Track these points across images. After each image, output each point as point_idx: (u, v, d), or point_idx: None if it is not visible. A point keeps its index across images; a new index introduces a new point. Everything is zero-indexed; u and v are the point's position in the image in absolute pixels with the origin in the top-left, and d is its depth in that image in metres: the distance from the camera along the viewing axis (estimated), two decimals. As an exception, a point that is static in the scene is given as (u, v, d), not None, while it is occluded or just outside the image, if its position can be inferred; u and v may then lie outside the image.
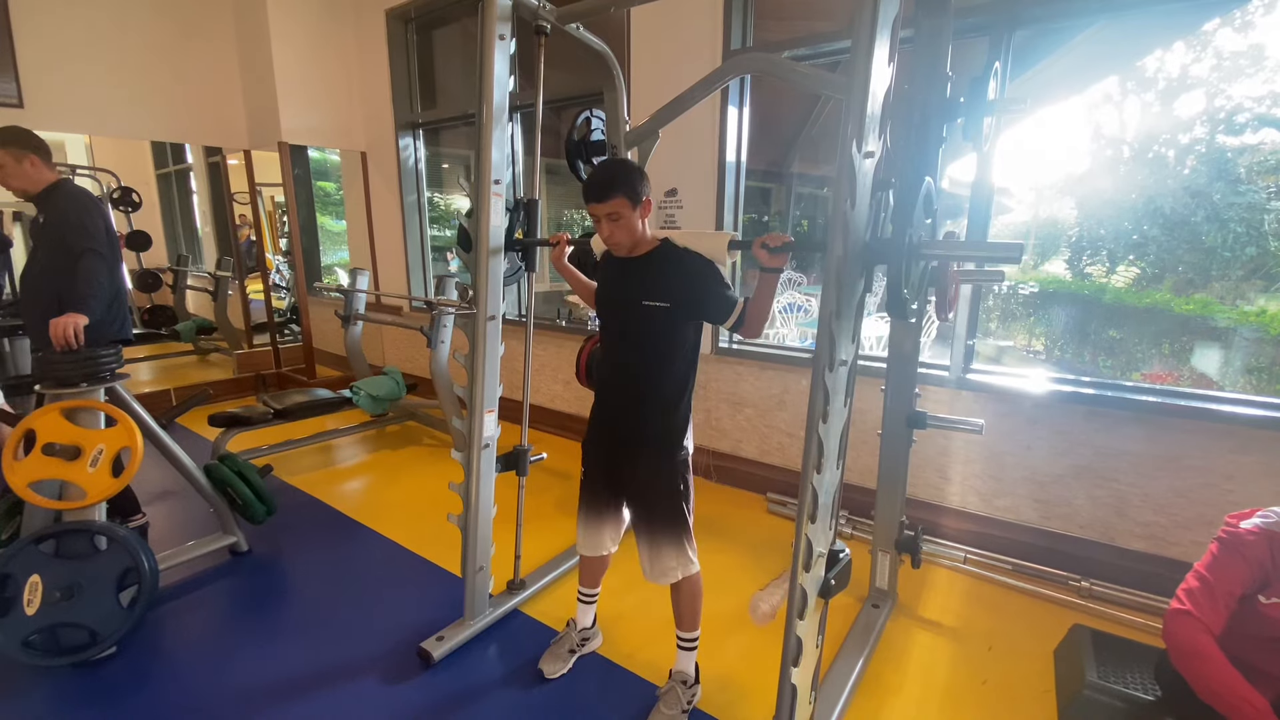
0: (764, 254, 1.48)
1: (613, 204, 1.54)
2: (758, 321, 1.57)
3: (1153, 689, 1.66)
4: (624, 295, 1.67)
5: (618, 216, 1.56)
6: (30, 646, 1.86)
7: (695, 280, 1.60)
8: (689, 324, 1.65)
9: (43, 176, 2.35)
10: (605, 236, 1.61)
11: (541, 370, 4.19)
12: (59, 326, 2.08)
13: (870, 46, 1.18)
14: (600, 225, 1.59)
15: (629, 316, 1.67)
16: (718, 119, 3.08)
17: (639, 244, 1.65)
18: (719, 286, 1.60)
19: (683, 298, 1.60)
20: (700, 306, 1.62)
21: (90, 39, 4.12)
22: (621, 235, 1.59)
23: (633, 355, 1.68)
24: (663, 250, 1.66)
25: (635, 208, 1.57)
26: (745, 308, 1.58)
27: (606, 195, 1.54)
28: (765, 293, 1.54)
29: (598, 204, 1.56)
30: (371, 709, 1.80)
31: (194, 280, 6.01)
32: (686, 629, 1.77)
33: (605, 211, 1.56)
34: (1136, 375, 4.46)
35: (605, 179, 1.56)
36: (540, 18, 1.96)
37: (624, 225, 1.57)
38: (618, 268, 1.70)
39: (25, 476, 1.92)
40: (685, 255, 1.64)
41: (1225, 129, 4.32)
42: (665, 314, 1.61)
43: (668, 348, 1.64)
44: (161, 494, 3.14)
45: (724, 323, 1.59)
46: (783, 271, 1.53)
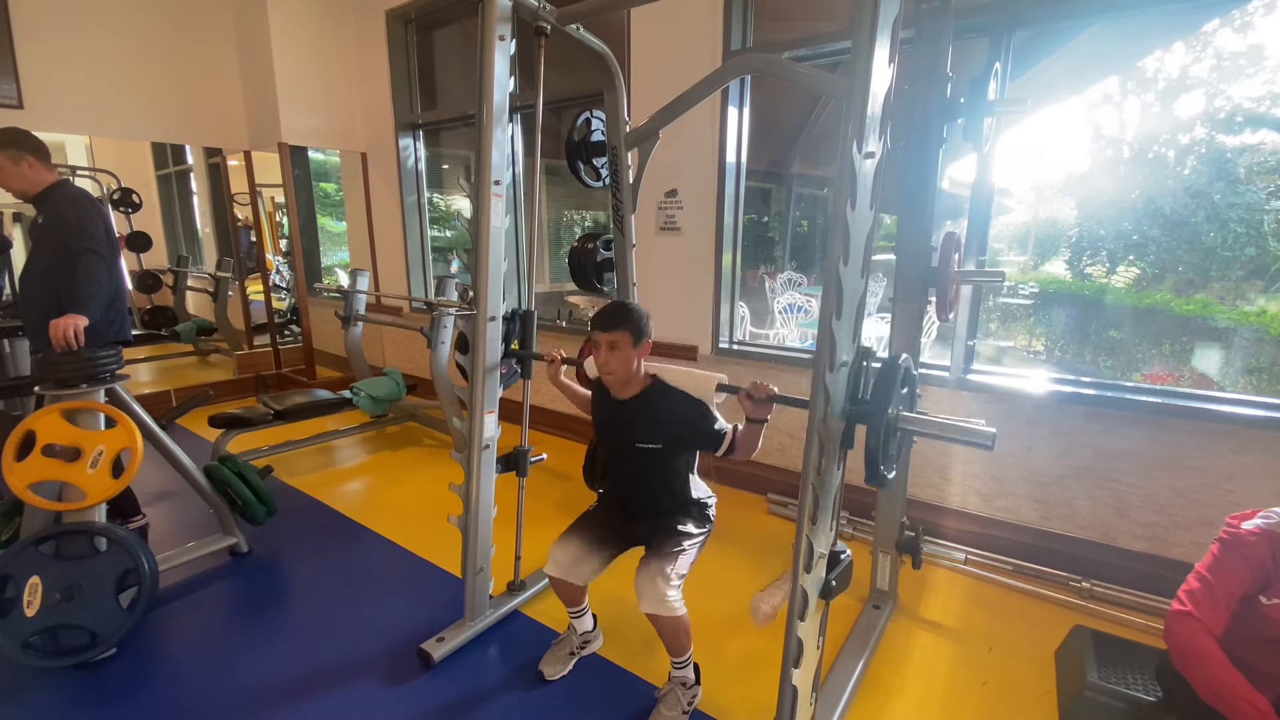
0: (749, 404, 1.58)
1: (616, 335, 1.67)
2: (746, 452, 1.68)
3: (1154, 690, 1.66)
4: (618, 436, 1.81)
5: (617, 347, 1.68)
6: (30, 648, 1.86)
7: (685, 423, 1.72)
8: (682, 454, 1.79)
9: (41, 178, 2.34)
10: (601, 363, 1.71)
11: (542, 371, 4.18)
12: (59, 327, 2.07)
13: (870, 47, 1.18)
14: (599, 352, 1.70)
15: (624, 455, 1.81)
16: (718, 120, 3.08)
17: (631, 381, 1.75)
18: (707, 425, 1.71)
19: (674, 439, 1.74)
20: (691, 443, 1.76)
21: (90, 40, 4.12)
22: (616, 365, 1.69)
23: (633, 481, 1.85)
24: (653, 392, 1.76)
25: (635, 345, 1.69)
26: (734, 438, 1.68)
27: (614, 326, 1.67)
28: (752, 435, 1.65)
29: (603, 332, 1.68)
30: (371, 710, 1.80)
31: (194, 281, 6.01)
32: (677, 656, 1.76)
33: (608, 340, 1.68)
34: (1137, 375, 4.46)
35: (615, 313, 1.69)
36: (540, 18, 1.96)
37: (621, 357, 1.68)
38: (612, 407, 1.80)
39: (25, 478, 1.92)
40: (674, 397, 1.75)
41: (1225, 129, 4.32)
42: (658, 453, 1.75)
43: (665, 470, 1.79)
44: (161, 495, 3.14)
45: (715, 453, 1.71)
46: (766, 422, 1.61)
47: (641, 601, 1.64)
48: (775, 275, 6.56)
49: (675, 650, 1.74)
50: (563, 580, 1.81)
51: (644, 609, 1.64)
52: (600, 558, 1.82)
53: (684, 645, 1.73)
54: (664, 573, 1.64)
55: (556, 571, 1.80)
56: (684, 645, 1.73)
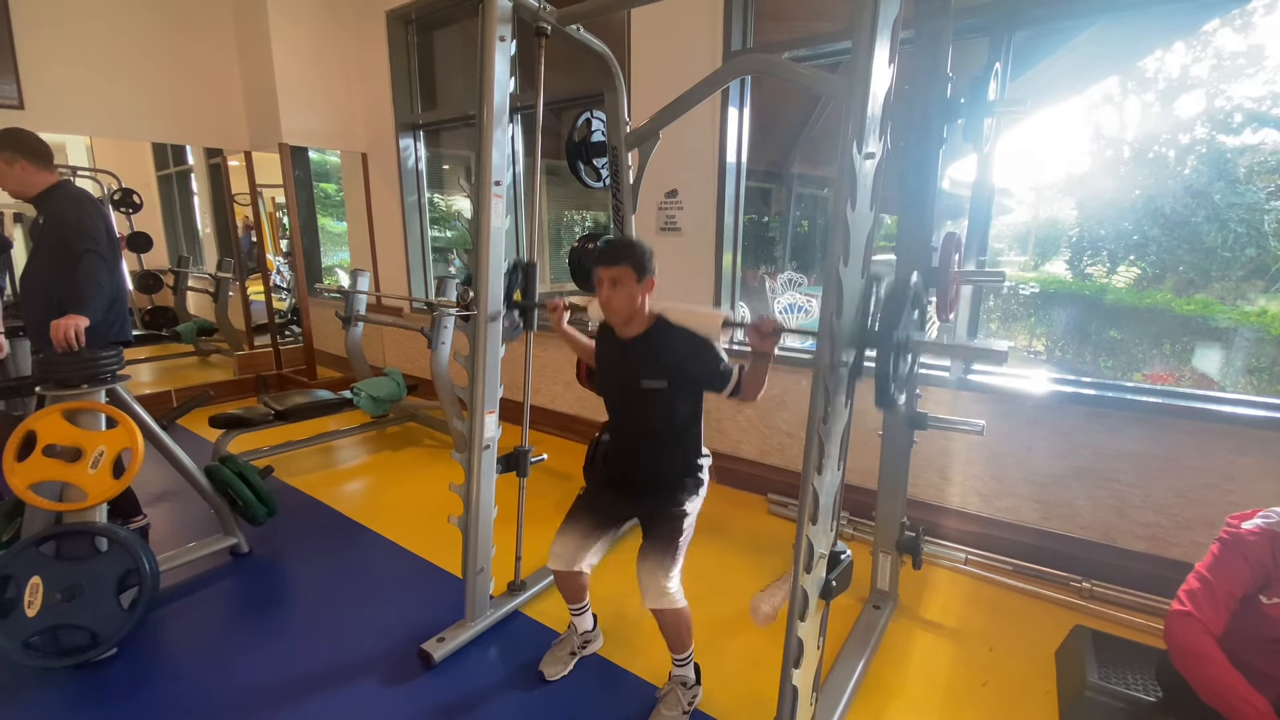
0: (756, 338, 1.56)
1: (619, 270, 1.64)
2: (753, 391, 1.67)
3: (1154, 690, 1.66)
4: (622, 376, 1.77)
5: (620, 283, 1.65)
6: (31, 648, 1.86)
7: (690, 361, 1.69)
8: (687, 396, 1.75)
9: (37, 180, 2.32)
10: (604, 300, 1.68)
11: (542, 371, 4.19)
12: (60, 328, 2.08)
13: (871, 47, 1.18)
14: (602, 288, 1.67)
15: (629, 396, 1.77)
16: (718, 120, 3.08)
17: (634, 319, 1.72)
18: (713, 363, 1.69)
19: (679, 377, 1.70)
20: (696, 383, 1.73)
21: (91, 40, 4.12)
22: (620, 301, 1.67)
23: (637, 425, 1.80)
24: (658, 330, 1.73)
25: (638, 281, 1.66)
26: (741, 378, 1.67)
27: (616, 261, 1.64)
28: (759, 371, 1.64)
29: (605, 267, 1.65)
30: (372, 710, 1.80)
31: (195, 281, 6.02)
32: (678, 651, 1.76)
33: (611, 275, 1.65)
34: (1137, 376, 4.45)
35: (618, 247, 1.67)
36: (541, 19, 1.96)
37: (624, 293, 1.66)
38: (615, 347, 1.78)
39: (26, 478, 1.93)
40: (679, 335, 1.72)
41: (1225, 129, 4.32)
42: (663, 393, 1.71)
43: (669, 416, 1.75)
44: (162, 495, 3.15)
45: (721, 393, 1.69)
46: (772, 356, 1.61)
47: (646, 598, 1.64)
48: (775, 275, 6.55)
49: (677, 646, 1.74)
50: (566, 572, 1.82)
51: (648, 604, 1.64)
52: (599, 540, 1.82)
53: (685, 641, 1.73)
54: (664, 566, 1.65)
55: (559, 565, 1.80)
56: (685, 641, 1.73)
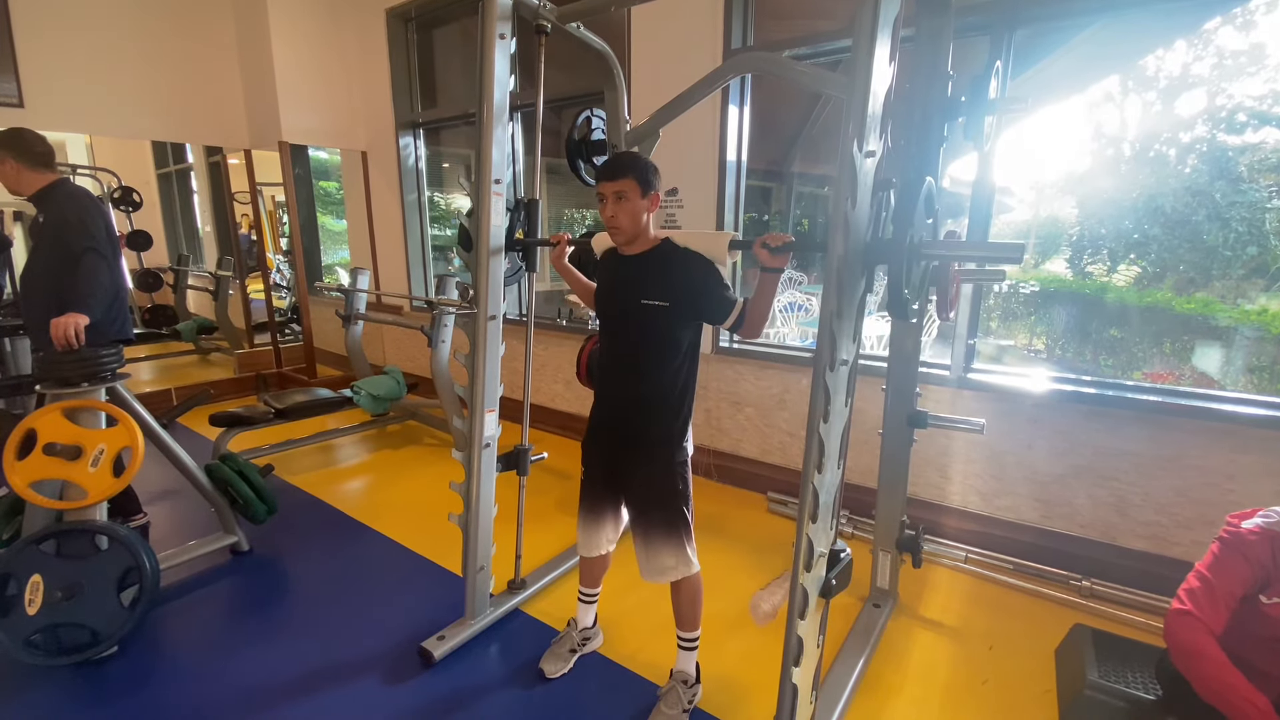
0: (765, 253, 1.49)
1: (622, 183, 1.58)
2: (758, 322, 1.58)
3: (1154, 689, 1.66)
4: (623, 294, 1.68)
5: (624, 197, 1.58)
6: (32, 646, 1.86)
7: (695, 280, 1.61)
8: (688, 323, 1.66)
9: (32, 179, 2.31)
10: (608, 217, 1.62)
11: (542, 370, 4.19)
12: (60, 326, 2.07)
13: (871, 46, 1.18)
14: (605, 205, 1.61)
15: (628, 315, 1.67)
16: (718, 118, 3.08)
17: (639, 238, 1.65)
18: (718, 287, 1.61)
19: (682, 297, 1.61)
20: (699, 307, 1.62)
21: (91, 39, 4.12)
22: (623, 218, 1.60)
23: (631, 354, 1.69)
24: (663, 249, 1.66)
25: (643, 196, 1.59)
26: (745, 308, 1.59)
27: (619, 174, 1.58)
28: (766, 292, 1.55)
29: (608, 181, 1.59)
30: (372, 708, 1.80)
31: (195, 280, 6.02)
32: (687, 629, 1.77)
33: (613, 189, 1.58)
34: (1137, 374, 4.46)
35: (620, 161, 1.63)
36: (541, 17, 1.96)
37: (627, 208, 1.59)
38: (617, 266, 1.71)
39: (26, 476, 1.93)
40: (685, 255, 1.64)
41: (1226, 128, 4.32)
42: (664, 313, 1.61)
43: (667, 346, 1.64)
44: (162, 493, 3.15)
45: (723, 323, 1.61)
46: (783, 271, 1.54)
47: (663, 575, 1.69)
48: (776, 274, 6.55)
49: (689, 620, 1.76)
50: (594, 559, 1.88)
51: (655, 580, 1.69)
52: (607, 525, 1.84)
53: (697, 613, 1.76)
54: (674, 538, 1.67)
55: (585, 551, 1.86)
56: (697, 613, 1.76)
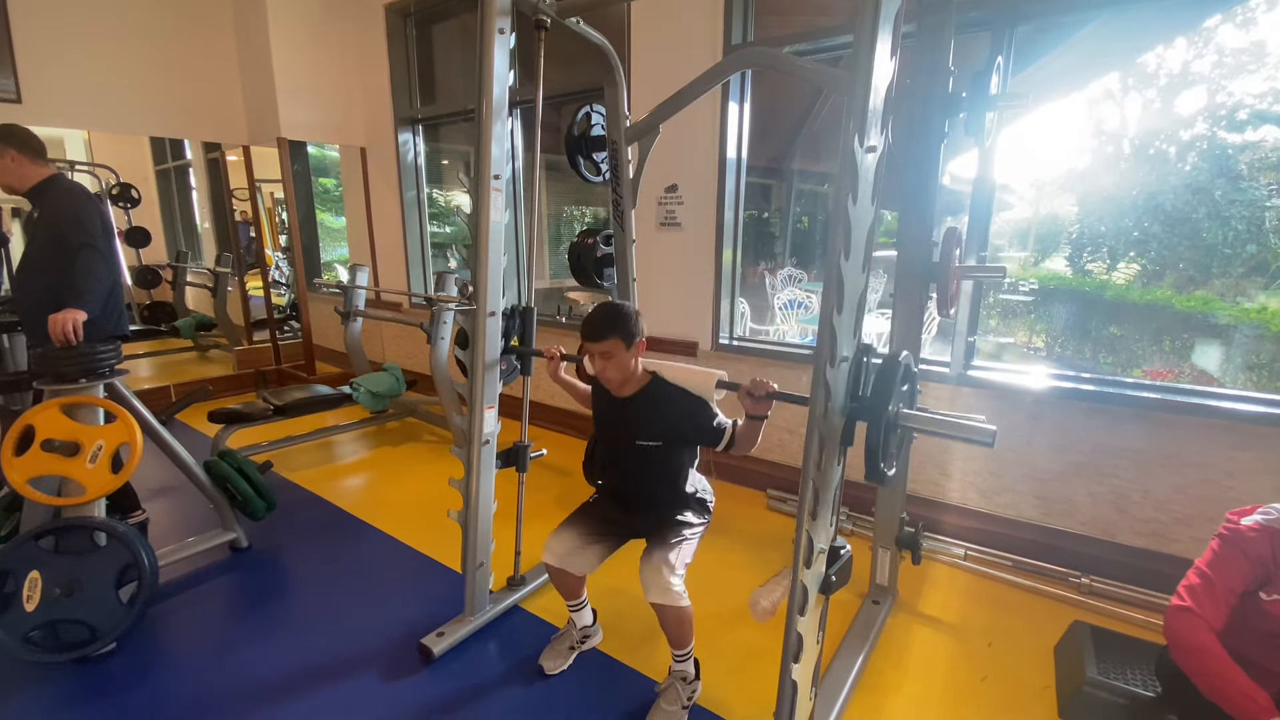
0: (749, 401, 1.58)
1: (608, 344, 1.66)
2: (746, 448, 1.68)
3: (1153, 685, 1.66)
4: (618, 433, 1.80)
5: (611, 355, 1.67)
6: (30, 642, 1.86)
7: (685, 420, 1.72)
8: (682, 450, 1.80)
9: (29, 172, 2.31)
10: (598, 371, 1.72)
11: (542, 367, 4.17)
12: (58, 322, 2.07)
13: (872, 41, 1.17)
14: (594, 361, 1.70)
15: (625, 452, 1.80)
16: (718, 115, 3.07)
17: (629, 381, 1.74)
18: (707, 421, 1.70)
19: (674, 436, 1.74)
20: (691, 439, 1.77)
21: (89, 34, 4.10)
22: (613, 372, 1.70)
23: (632, 477, 1.84)
24: (652, 390, 1.75)
25: (629, 349, 1.68)
26: (734, 434, 1.68)
27: (603, 336, 1.65)
28: (752, 431, 1.65)
29: (593, 343, 1.67)
30: (371, 705, 1.80)
31: (193, 276, 6.00)
32: (679, 648, 1.76)
33: (600, 349, 1.67)
34: (1137, 372, 4.46)
35: (603, 321, 1.67)
36: (540, 12, 1.95)
37: (616, 363, 1.68)
38: (611, 405, 1.80)
39: (24, 473, 1.92)
40: (674, 395, 1.74)
41: (1226, 125, 4.32)
42: (658, 449, 1.74)
43: (664, 468, 1.79)
44: (161, 490, 3.14)
45: (715, 448, 1.71)
46: (766, 418, 1.62)
47: (647, 592, 1.64)
48: (776, 271, 6.56)
49: (677, 642, 1.74)
50: (560, 570, 1.82)
51: (650, 599, 1.64)
52: (598, 549, 1.82)
53: (686, 637, 1.73)
54: (668, 562, 1.65)
55: (553, 560, 1.80)
56: (686, 637, 1.73)
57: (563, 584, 1.90)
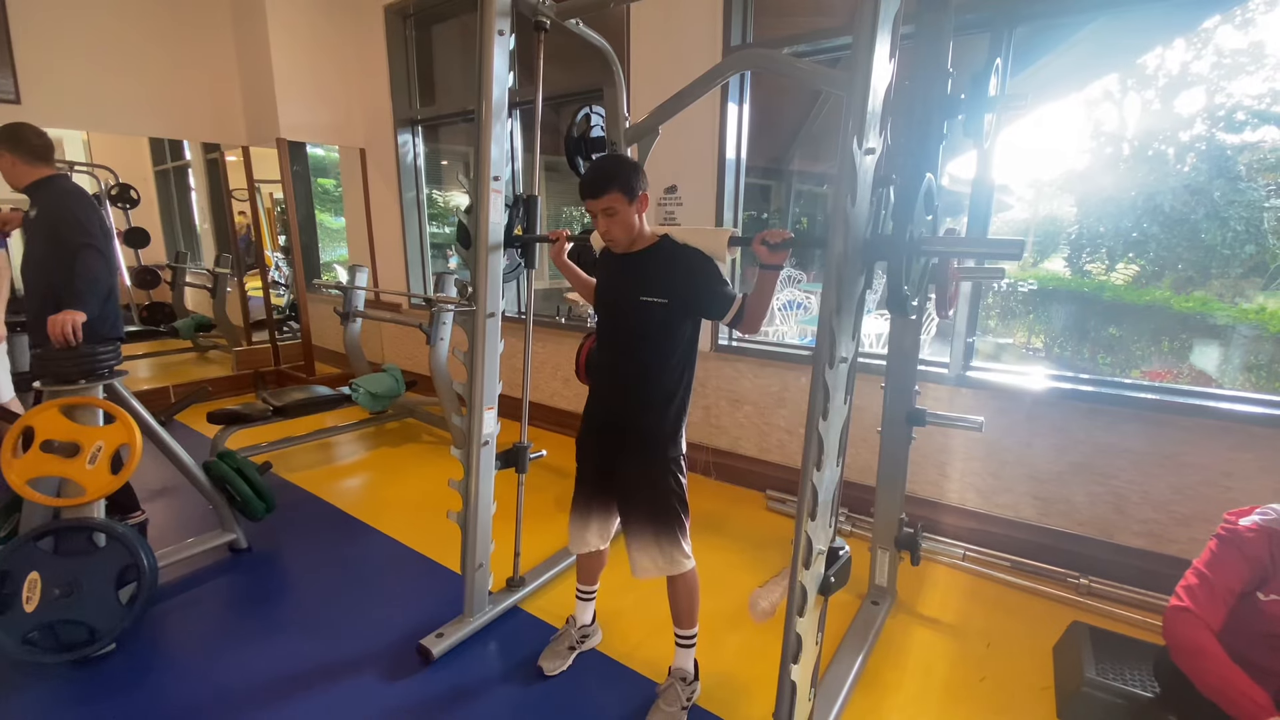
0: (764, 250, 1.48)
1: (608, 199, 1.55)
2: (756, 318, 1.58)
3: (1151, 685, 1.66)
4: (622, 291, 1.67)
5: (613, 211, 1.57)
6: (29, 643, 1.86)
7: (694, 277, 1.60)
8: (686, 320, 1.65)
9: (22, 173, 2.31)
10: (603, 232, 1.62)
11: (541, 367, 4.18)
12: (57, 323, 2.07)
13: (871, 43, 1.17)
14: (597, 221, 1.61)
15: (626, 312, 1.66)
16: (718, 115, 3.07)
17: (637, 240, 1.64)
18: (717, 283, 1.60)
19: (681, 294, 1.60)
20: (698, 303, 1.61)
21: (88, 35, 4.10)
22: (618, 231, 1.59)
23: (629, 351, 1.67)
24: (661, 246, 1.65)
25: (631, 203, 1.57)
26: (744, 303, 1.58)
27: (601, 191, 1.55)
28: (764, 289, 1.54)
29: (593, 200, 1.56)
30: (371, 706, 1.80)
31: (192, 277, 5.98)
32: (685, 626, 1.77)
33: (601, 207, 1.57)
34: (1136, 373, 4.47)
35: (600, 175, 1.57)
36: (540, 13, 1.95)
37: (620, 220, 1.58)
38: (616, 264, 1.70)
39: (24, 473, 1.92)
40: (684, 252, 1.63)
41: (1225, 126, 4.32)
42: (663, 310, 1.60)
43: (664, 343, 1.64)
44: (160, 491, 3.14)
45: (722, 318, 1.60)
46: (782, 268, 1.53)
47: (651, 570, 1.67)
48: (775, 272, 6.54)
49: (686, 619, 1.75)
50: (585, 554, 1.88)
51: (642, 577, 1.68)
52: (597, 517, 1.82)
53: (694, 611, 1.75)
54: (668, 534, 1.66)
55: (574, 547, 1.86)
56: (694, 611, 1.75)
57: (585, 565, 1.96)
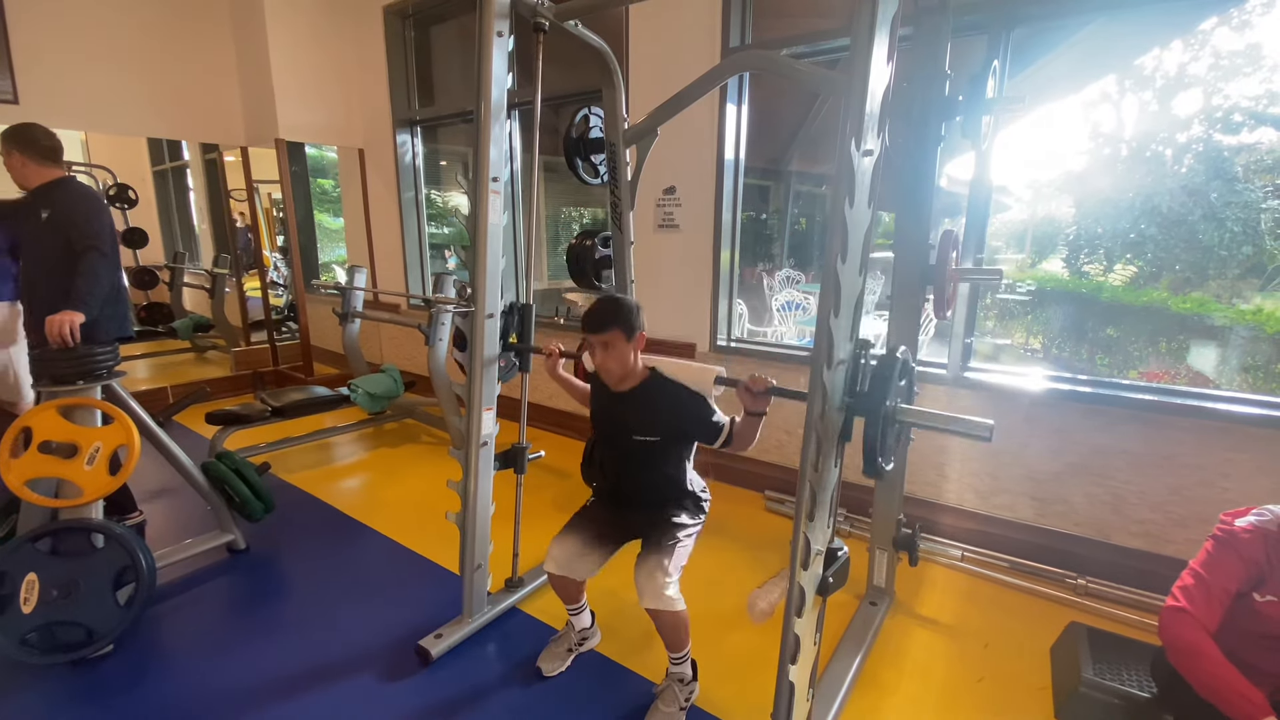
0: (748, 398, 1.59)
1: (609, 335, 1.67)
2: (744, 445, 1.70)
3: (1148, 686, 1.67)
4: (615, 427, 1.80)
5: (611, 346, 1.68)
6: (27, 644, 1.86)
7: (683, 415, 1.72)
8: (679, 446, 1.79)
9: (32, 173, 2.32)
10: (598, 363, 1.72)
11: (540, 368, 4.17)
12: (55, 324, 2.07)
13: (869, 44, 1.18)
14: (594, 351, 1.71)
15: (622, 446, 1.79)
16: (716, 117, 3.07)
17: (628, 375, 1.75)
18: (706, 414, 1.71)
19: (671, 429, 1.73)
20: (688, 435, 1.77)
21: (86, 35, 4.09)
22: (613, 364, 1.70)
23: (629, 478, 1.82)
24: (651, 384, 1.76)
25: (629, 341, 1.69)
26: (732, 430, 1.69)
27: (604, 327, 1.66)
28: (749, 428, 1.67)
29: (595, 334, 1.68)
30: (369, 707, 1.80)
31: (191, 277, 5.99)
32: (675, 651, 1.76)
33: (600, 340, 1.68)
34: (1133, 373, 4.48)
35: (605, 312, 1.68)
36: (538, 15, 1.95)
37: (616, 355, 1.69)
38: (609, 399, 1.80)
39: (21, 474, 1.92)
40: (673, 390, 1.74)
41: (1222, 128, 4.33)
42: (656, 445, 1.74)
43: (661, 466, 1.78)
44: (159, 492, 3.14)
45: (712, 445, 1.72)
46: (765, 415, 1.63)
47: (642, 598, 1.64)
48: (773, 272, 6.57)
49: (674, 646, 1.74)
50: (562, 577, 1.81)
51: (645, 605, 1.64)
52: (599, 554, 1.82)
53: (682, 641, 1.74)
54: (663, 566, 1.65)
55: (555, 568, 1.79)
56: (682, 641, 1.74)
57: (563, 589, 1.90)
